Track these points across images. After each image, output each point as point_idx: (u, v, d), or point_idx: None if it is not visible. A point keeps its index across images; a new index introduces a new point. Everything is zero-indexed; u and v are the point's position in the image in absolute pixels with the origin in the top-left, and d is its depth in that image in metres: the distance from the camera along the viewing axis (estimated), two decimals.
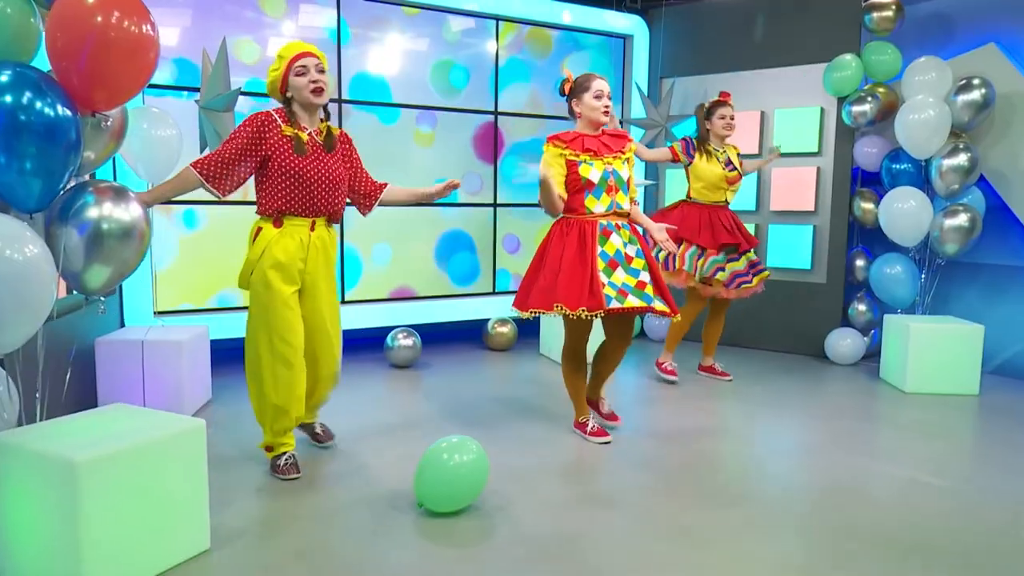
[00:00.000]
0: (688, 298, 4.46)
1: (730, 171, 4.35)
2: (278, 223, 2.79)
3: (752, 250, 4.45)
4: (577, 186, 3.19)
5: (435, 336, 5.61)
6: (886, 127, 4.97)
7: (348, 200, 3.08)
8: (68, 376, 2.71)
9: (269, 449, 2.97)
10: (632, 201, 3.33)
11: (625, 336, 3.39)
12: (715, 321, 4.60)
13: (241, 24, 4.56)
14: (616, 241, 3.20)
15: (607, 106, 3.23)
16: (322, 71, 2.81)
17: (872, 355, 5.11)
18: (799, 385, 4.55)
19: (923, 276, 4.80)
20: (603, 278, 3.11)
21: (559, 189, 3.16)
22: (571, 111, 3.32)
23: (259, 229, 2.84)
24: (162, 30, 4.31)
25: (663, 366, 4.55)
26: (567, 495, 2.80)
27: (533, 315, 3.22)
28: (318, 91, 2.79)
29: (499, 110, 5.53)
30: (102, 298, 2.44)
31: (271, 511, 2.61)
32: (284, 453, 2.94)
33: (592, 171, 3.17)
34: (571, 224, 3.23)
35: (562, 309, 3.08)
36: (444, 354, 5.24)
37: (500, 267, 5.69)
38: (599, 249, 3.16)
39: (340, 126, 4.86)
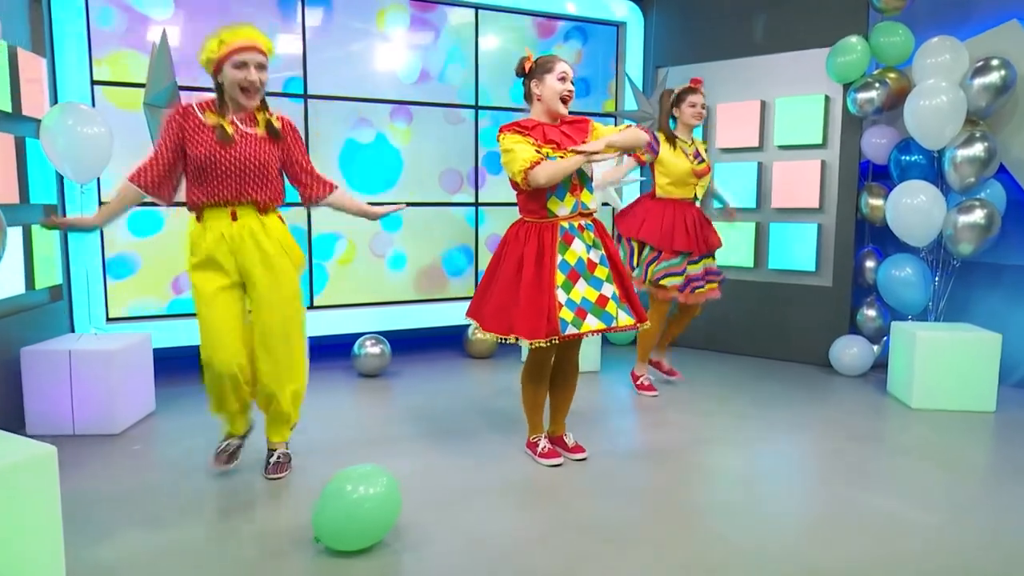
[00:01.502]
0: (652, 302, 4.10)
1: (698, 163, 4.00)
2: (200, 217, 2.70)
3: (712, 255, 4.11)
4: None
5: (414, 343, 5.34)
6: (896, 116, 4.53)
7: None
8: None
9: None
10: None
11: (572, 361, 3.12)
12: (678, 322, 4.28)
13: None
14: (578, 248, 2.89)
15: (570, 91, 2.91)
16: (263, 67, 2.64)
17: (883, 365, 4.66)
18: (794, 397, 4.15)
19: (936, 279, 4.35)
20: (561, 296, 2.84)
21: (558, 158, 2.84)
22: (527, 94, 2.98)
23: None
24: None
25: (640, 381, 4.21)
26: (500, 530, 2.48)
27: (492, 338, 3.00)
28: (249, 92, 2.62)
29: (480, 104, 5.24)
30: None
31: (151, 545, 2.34)
32: (225, 438, 2.93)
33: None
34: (530, 229, 2.93)
35: (517, 340, 2.85)
36: (420, 362, 4.96)
37: (483, 269, 5.38)
38: (559, 259, 2.86)
39: (307, 123, 4.64)
